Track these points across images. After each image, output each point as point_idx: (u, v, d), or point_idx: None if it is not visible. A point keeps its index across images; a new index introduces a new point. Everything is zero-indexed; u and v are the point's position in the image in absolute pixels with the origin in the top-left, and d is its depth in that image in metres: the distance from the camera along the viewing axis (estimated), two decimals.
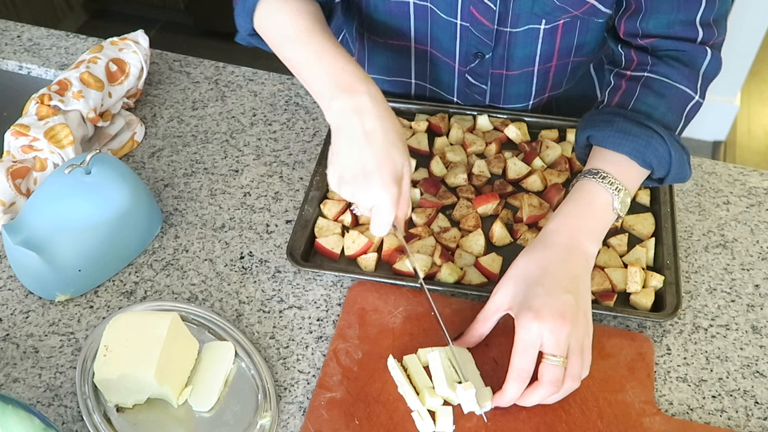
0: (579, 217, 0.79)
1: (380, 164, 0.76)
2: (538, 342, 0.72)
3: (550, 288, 0.74)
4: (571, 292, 0.74)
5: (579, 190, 0.81)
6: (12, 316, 0.87)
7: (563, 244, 0.77)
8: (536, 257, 0.77)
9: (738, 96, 2.54)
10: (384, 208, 0.77)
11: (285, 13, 0.84)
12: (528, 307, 0.73)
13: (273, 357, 0.83)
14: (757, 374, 0.81)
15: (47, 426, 0.67)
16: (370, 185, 0.77)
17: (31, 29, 1.25)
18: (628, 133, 0.81)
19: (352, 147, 0.78)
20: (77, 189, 0.86)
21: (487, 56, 0.98)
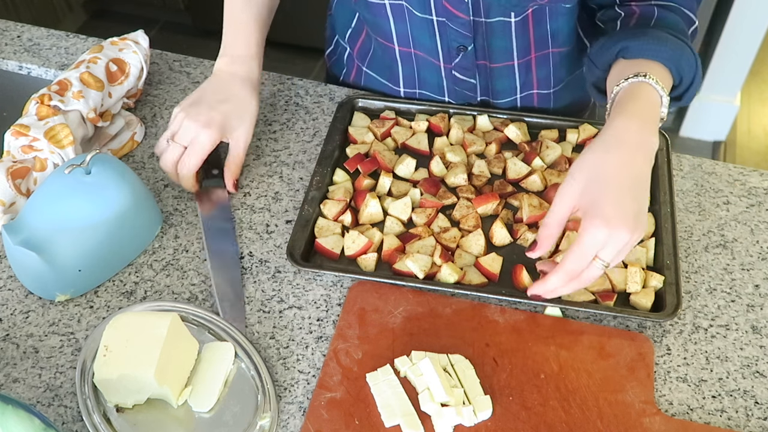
0: (643, 114, 0.78)
1: (214, 107, 0.93)
2: (601, 248, 0.73)
3: (620, 193, 0.74)
4: (638, 199, 0.74)
5: (635, 91, 0.80)
6: (12, 316, 0.87)
7: (632, 143, 0.76)
8: (606, 156, 0.76)
9: (738, 96, 2.54)
10: (197, 146, 0.91)
11: None
12: (598, 212, 0.73)
13: (273, 357, 0.83)
14: (757, 374, 0.81)
15: (47, 426, 0.67)
16: (197, 118, 0.92)
17: (31, 29, 1.25)
18: (664, 42, 0.82)
19: (205, 89, 0.97)
20: (77, 189, 0.86)
21: (470, 48, 0.98)
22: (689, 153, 1.06)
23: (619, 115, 0.79)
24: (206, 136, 0.92)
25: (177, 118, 0.94)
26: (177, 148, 0.93)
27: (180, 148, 0.93)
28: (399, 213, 0.94)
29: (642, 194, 0.76)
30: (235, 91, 0.96)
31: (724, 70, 2.43)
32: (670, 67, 0.82)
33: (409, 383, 0.79)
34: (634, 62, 0.83)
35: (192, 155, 0.93)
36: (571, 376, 0.79)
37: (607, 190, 0.74)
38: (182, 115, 0.93)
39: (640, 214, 0.74)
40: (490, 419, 0.76)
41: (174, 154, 0.93)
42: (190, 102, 0.95)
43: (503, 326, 0.84)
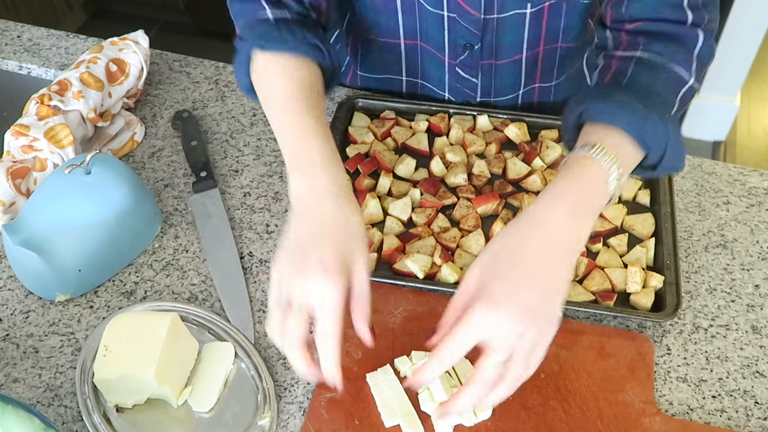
0: (572, 195, 0.70)
1: (320, 243, 0.67)
2: (484, 335, 0.64)
3: (520, 281, 0.65)
4: (543, 289, 0.66)
5: (571, 166, 0.71)
6: (12, 316, 0.87)
7: (551, 227, 0.68)
8: (517, 238, 0.68)
9: (738, 96, 2.54)
10: (328, 303, 0.66)
11: (272, 73, 0.82)
12: (490, 293, 0.64)
13: (273, 357, 0.83)
14: (757, 374, 0.81)
15: (47, 426, 0.67)
16: (307, 270, 0.66)
17: (31, 29, 1.25)
18: (625, 106, 0.73)
19: (296, 226, 0.71)
20: (77, 189, 0.86)
21: (476, 47, 0.98)
22: (689, 153, 1.05)
23: (546, 195, 0.70)
24: (332, 288, 0.66)
25: (283, 279, 0.69)
26: (300, 320, 0.68)
27: (304, 319, 0.68)
28: (399, 213, 0.94)
29: (551, 282, 0.66)
30: (329, 209, 0.71)
31: (724, 70, 2.43)
32: (631, 134, 0.72)
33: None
34: (595, 127, 0.74)
35: (327, 323, 0.66)
36: (571, 376, 0.79)
37: (504, 273, 0.65)
38: (287, 272, 0.68)
39: (543, 307, 0.65)
40: (490, 419, 0.76)
41: (300, 329, 0.68)
42: (287, 252, 0.70)
43: None
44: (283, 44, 0.82)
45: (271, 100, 0.81)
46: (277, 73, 0.81)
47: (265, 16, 0.85)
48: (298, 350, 0.68)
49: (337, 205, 0.71)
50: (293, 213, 0.72)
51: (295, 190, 0.74)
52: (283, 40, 0.82)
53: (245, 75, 0.86)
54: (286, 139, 0.77)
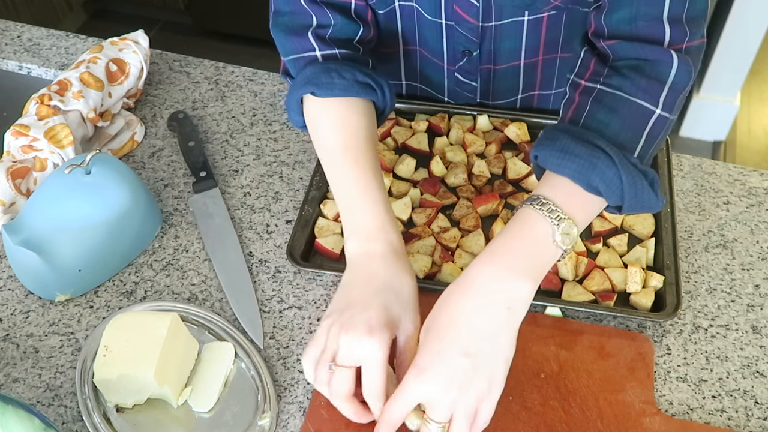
0: (511, 253, 0.69)
1: (368, 305, 0.70)
2: (417, 401, 0.67)
3: (447, 347, 0.66)
4: (470, 354, 0.66)
5: (516, 221, 0.71)
6: (12, 316, 0.87)
7: (484, 290, 0.68)
8: (449, 305, 0.68)
9: (738, 96, 2.54)
10: (371, 361, 0.68)
11: (324, 120, 0.84)
12: (417, 363, 0.67)
13: (273, 357, 0.83)
14: (757, 374, 0.81)
15: (47, 426, 0.67)
16: (354, 329, 0.69)
17: (31, 29, 1.25)
18: (569, 153, 0.70)
19: (348, 287, 0.74)
20: (77, 189, 0.86)
21: (475, 53, 0.98)
22: (689, 153, 1.06)
23: (484, 254, 0.70)
24: (376, 346, 0.69)
25: (331, 333, 0.72)
26: (346, 374, 0.70)
27: (350, 373, 0.70)
28: (399, 213, 0.94)
29: (481, 347, 0.66)
30: (382, 273, 0.74)
31: (724, 70, 2.43)
32: (580, 183, 0.70)
33: None
34: (548, 173, 0.73)
35: (372, 378, 0.69)
36: (571, 376, 0.79)
37: (434, 343, 0.67)
38: (336, 328, 0.71)
39: (477, 370, 0.66)
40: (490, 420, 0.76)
41: (347, 383, 0.71)
42: (337, 308, 0.73)
43: None
44: (333, 89, 0.82)
45: (325, 148, 0.83)
46: (328, 119, 0.83)
47: (313, 54, 0.86)
48: (347, 403, 0.72)
49: (390, 269, 0.74)
50: (348, 271, 0.76)
51: (350, 251, 0.78)
52: (332, 85, 0.82)
53: (299, 116, 0.88)
54: (343, 198, 0.80)
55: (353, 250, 0.77)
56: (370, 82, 0.84)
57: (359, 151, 0.81)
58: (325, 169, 0.84)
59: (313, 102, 0.85)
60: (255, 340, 0.83)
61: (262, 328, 0.85)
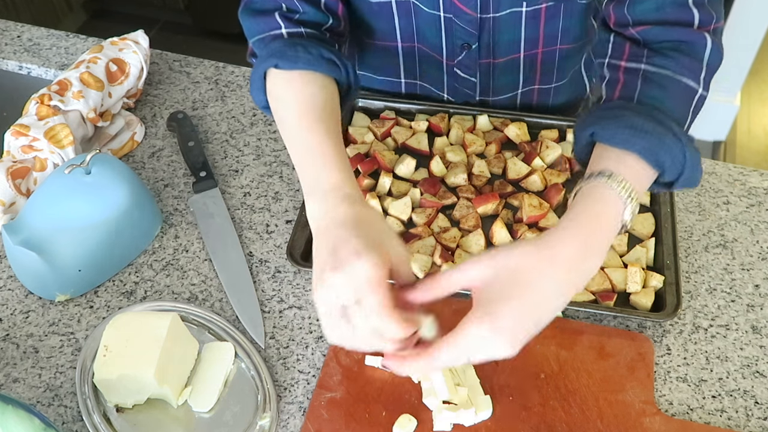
0: (589, 229, 0.67)
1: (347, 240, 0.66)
2: (476, 350, 0.63)
3: (525, 310, 0.64)
4: (537, 324, 0.64)
5: (589, 196, 0.69)
6: (12, 316, 0.87)
7: (567, 265, 0.66)
8: (532, 261, 0.65)
9: (738, 96, 2.54)
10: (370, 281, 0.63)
11: (285, 92, 0.81)
12: (493, 315, 0.63)
13: (273, 357, 0.83)
14: (757, 374, 0.81)
15: (47, 426, 0.67)
16: (342, 265, 0.65)
17: (31, 29, 1.25)
18: (639, 130, 0.71)
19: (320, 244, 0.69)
20: (77, 189, 0.86)
21: (474, 46, 0.98)
22: None
23: (564, 223, 0.68)
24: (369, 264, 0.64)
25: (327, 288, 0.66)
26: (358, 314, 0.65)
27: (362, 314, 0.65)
28: (399, 213, 0.94)
29: (545, 321, 0.65)
30: (349, 215, 0.70)
31: (724, 70, 2.42)
32: (647, 159, 0.71)
33: (410, 380, 0.79)
34: (608, 150, 0.72)
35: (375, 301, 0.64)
36: (571, 376, 0.79)
37: (513, 299, 0.63)
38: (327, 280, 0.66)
39: (529, 339, 0.64)
40: (490, 419, 0.76)
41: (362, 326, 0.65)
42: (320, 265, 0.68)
43: None
44: (297, 62, 0.81)
45: (284, 119, 0.80)
46: (290, 91, 0.81)
47: (279, 32, 0.85)
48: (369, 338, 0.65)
49: (355, 209, 0.70)
50: (315, 238, 0.71)
51: (311, 215, 0.73)
52: (297, 58, 0.81)
53: (261, 93, 0.85)
54: (299, 161, 0.77)
55: (313, 210, 0.73)
56: (334, 59, 0.82)
57: (316, 120, 0.77)
58: (285, 143, 0.80)
59: (276, 76, 0.82)
60: (256, 339, 0.83)
61: (263, 327, 0.85)
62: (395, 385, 0.79)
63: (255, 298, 0.87)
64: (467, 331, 0.63)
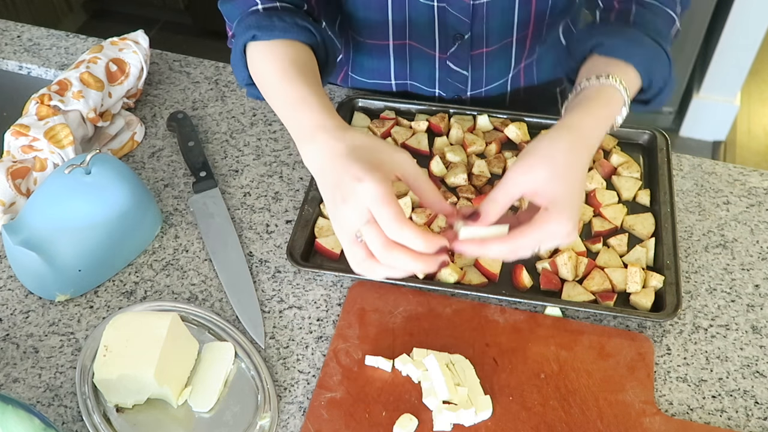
0: (600, 118, 0.77)
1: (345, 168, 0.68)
2: (552, 239, 0.71)
3: (581, 195, 0.74)
4: (582, 195, 0.76)
5: (601, 92, 0.78)
6: (12, 316, 0.87)
7: (590, 145, 0.75)
8: (575, 153, 0.73)
9: (738, 96, 2.54)
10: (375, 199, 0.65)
11: (266, 59, 0.83)
12: (567, 208, 0.70)
13: (273, 357, 0.83)
14: (757, 374, 0.81)
15: (47, 426, 0.67)
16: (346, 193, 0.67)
17: (31, 29, 1.25)
18: (639, 43, 0.81)
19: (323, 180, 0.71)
20: (77, 189, 0.86)
21: (466, 36, 0.99)
22: (689, 153, 1.06)
23: (587, 115, 0.76)
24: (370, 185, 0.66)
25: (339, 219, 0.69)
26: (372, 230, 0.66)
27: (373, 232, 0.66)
28: None
29: (581, 196, 0.75)
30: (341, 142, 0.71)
31: (724, 70, 2.43)
32: (641, 71, 0.80)
33: (410, 380, 0.79)
34: (606, 60, 0.81)
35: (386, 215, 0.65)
36: (571, 376, 0.79)
37: (576, 188, 0.72)
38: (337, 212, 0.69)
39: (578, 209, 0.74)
40: (490, 419, 0.76)
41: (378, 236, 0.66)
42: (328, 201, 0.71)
43: (503, 326, 0.84)
44: (274, 30, 0.83)
45: (266, 82, 0.83)
46: (269, 57, 0.83)
47: (255, 8, 0.87)
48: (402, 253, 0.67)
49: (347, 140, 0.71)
50: (316, 177, 0.73)
51: (308, 161, 0.74)
52: (273, 27, 0.83)
53: (243, 69, 0.87)
54: (284, 114, 0.79)
55: (308, 157, 0.74)
56: (309, 26, 0.85)
57: (296, 75, 0.79)
58: (269, 101, 0.83)
59: (255, 48, 0.84)
60: (256, 339, 0.83)
61: (263, 327, 0.85)
62: (395, 385, 0.79)
63: (255, 298, 0.87)
64: (551, 225, 0.70)
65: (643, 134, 1.04)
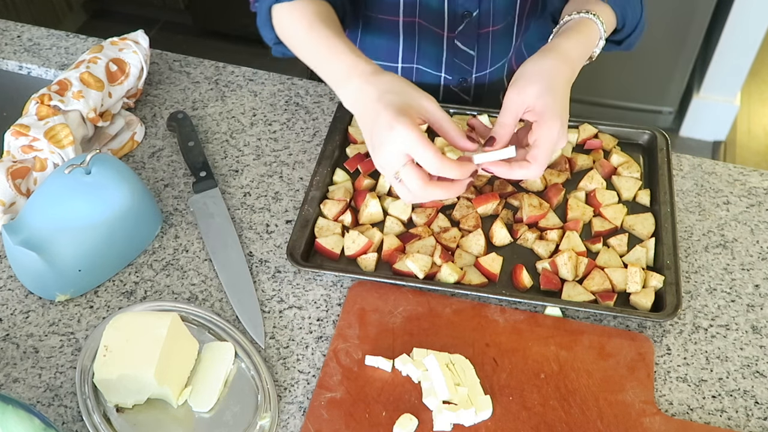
0: (579, 42, 0.87)
1: (377, 114, 0.77)
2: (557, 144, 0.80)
3: (567, 102, 0.82)
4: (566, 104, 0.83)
5: (581, 25, 0.88)
6: (12, 316, 0.87)
7: (572, 64, 0.85)
8: (557, 70, 0.82)
9: (738, 96, 2.54)
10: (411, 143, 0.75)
11: (293, 18, 0.90)
12: (557, 114, 0.79)
13: (273, 357, 0.83)
14: (757, 374, 0.81)
15: (47, 426, 0.67)
16: (382, 140, 0.76)
17: (31, 29, 1.25)
18: None
19: (361, 123, 0.81)
20: (77, 189, 0.86)
21: (474, 14, 1.01)
22: (689, 153, 1.06)
23: (569, 39, 0.87)
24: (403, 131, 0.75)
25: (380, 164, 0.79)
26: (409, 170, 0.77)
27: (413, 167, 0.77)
28: (399, 213, 0.94)
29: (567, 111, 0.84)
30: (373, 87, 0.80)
31: (724, 70, 2.43)
32: (617, 11, 0.92)
33: (410, 380, 0.79)
34: (585, 0, 0.92)
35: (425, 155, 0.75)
36: (571, 376, 0.79)
37: (560, 98, 0.81)
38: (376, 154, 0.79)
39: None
40: (490, 419, 0.76)
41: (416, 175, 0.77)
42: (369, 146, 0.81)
43: (503, 326, 0.84)
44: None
45: (295, 37, 0.91)
46: (295, 14, 0.90)
47: None
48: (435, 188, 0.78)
49: (379, 79, 0.81)
50: (357, 118, 0.82)
51: (346, 102, 0.84)
52: None
53: (270, 29, 0.94)
54: (317, 64, 0.88)
55: (346, 99, 0.84)
56: None
57: (324, 28, 0.87)
58: (301, 54, 0.91)
59: (281, 10, 0.91)
60: (256, 339, 0.83)
61: (263, 327, 0.85)
62: (395, 385, 0.79)
63: (255, 298, 0.87)
64: (550, 131, 0.79)
65: (643, 134, 1.04)
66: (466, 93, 1.13)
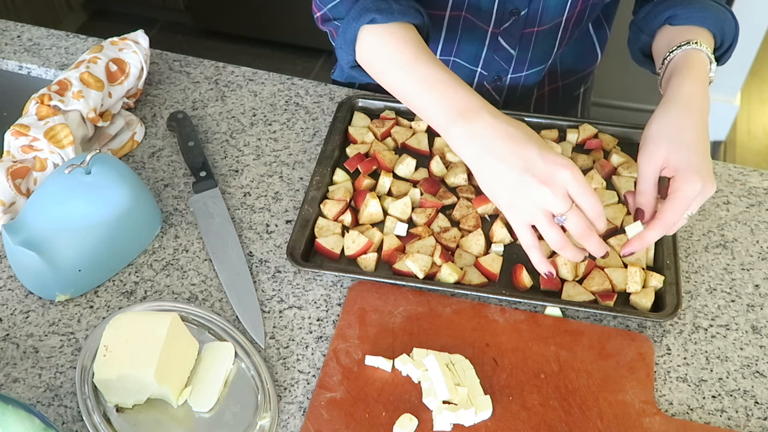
0: (701, 79, 0.86)
1: (533, 147, 0.74)
2: (692, 201, 0.79)
3: (705, 154, 0.81)
4: (710, 157, 0.82)
5: (690, 58, 0.87)
6: (12, 316, 0.87)
7: (700, 107, 0.84)
8: (685, 122, 0.82)
9: (738, 96, 2.54)
10: (579, 178, 0.73)
11: (388, 42, 0.85)
12: (693, 169, 0.78)
13: (273, 357, 0.83)
14: (757, 374, 0.82)
15: (47, 426, 0.67)
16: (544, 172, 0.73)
17: (31, 29, 1.25)
18: (709, 9, 0.90)
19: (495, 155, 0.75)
20: (77, 189, 0.86)
21: (523, 12, 0.99)
22: None
23: (685, 81, 0.86)
24: (573, 166, 0.74)
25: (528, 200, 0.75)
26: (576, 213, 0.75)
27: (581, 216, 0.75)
28: (399, 213, 0.94)
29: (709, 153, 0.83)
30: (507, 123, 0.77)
31: (724, 70, 2.41)
32: (714, 32, 0.90)
33: (410, 380, 0.79)
34: (680, 29, 0.90)
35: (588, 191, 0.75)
36: (571, 376, 0.80)
37: (695, 151, 0.80)
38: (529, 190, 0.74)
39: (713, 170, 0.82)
40: (490, 419, 0.76)
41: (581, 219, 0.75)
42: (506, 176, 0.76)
43: (503, 326, 0.84)
44: (393, 13, 0.85)
45: (391, 65, 0.85)
46: (391, 40, 0.85)
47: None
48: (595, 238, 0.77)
49: (517, 124, 0.77)
50: (477, 162, 0.77)
51: (457, 139, 0.78)
52: (391, 10, 0.85)
53: (351, 52, 0.89)
54: (429, 95, 0.81)
55: (459, 135, 0.78)
56: (419, 8, 0.89)
57: (431, 60, 0.83)
58: (396, 84, 0.85)
59: (372, 31, 0.86)
60: (256, 339, 0.83)
61: (263, 327, 0.85)
62: (395, 385, 0.79)
63: (255, 298, 0.87)
64: (683, 189, 0.78)
65: None
66: (499, 93, 1.12)
